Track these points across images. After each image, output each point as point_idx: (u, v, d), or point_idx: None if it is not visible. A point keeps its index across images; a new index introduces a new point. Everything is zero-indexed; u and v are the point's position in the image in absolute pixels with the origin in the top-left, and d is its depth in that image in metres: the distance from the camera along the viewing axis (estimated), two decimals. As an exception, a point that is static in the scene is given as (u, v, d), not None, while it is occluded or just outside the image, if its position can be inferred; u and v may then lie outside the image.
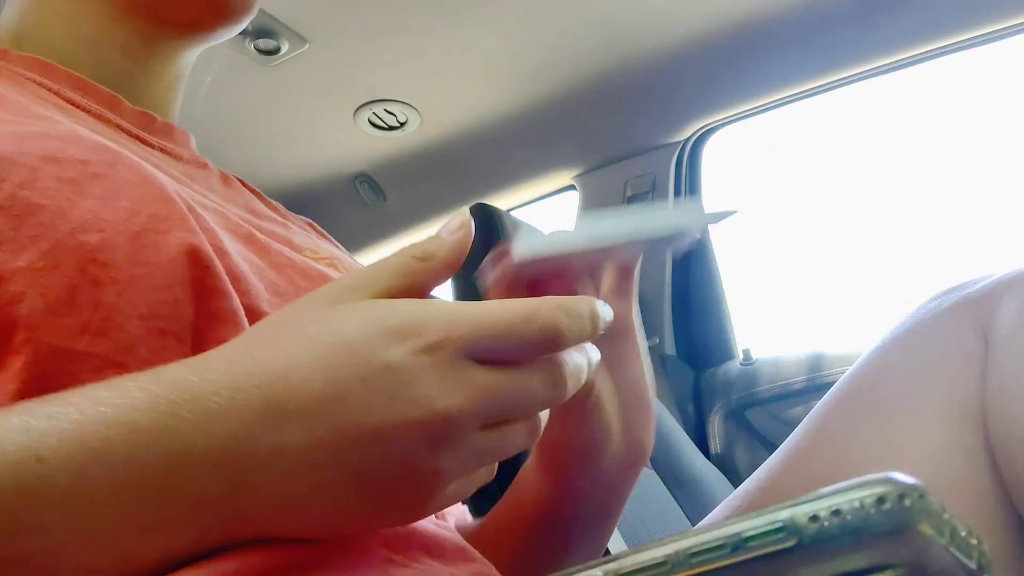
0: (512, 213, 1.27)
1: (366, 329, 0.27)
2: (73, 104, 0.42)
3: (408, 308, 0.27)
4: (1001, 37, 1.25)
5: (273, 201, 0.54)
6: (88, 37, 0.46)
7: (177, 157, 0.46)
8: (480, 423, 0.27)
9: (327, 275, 0.42)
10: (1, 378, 0.29)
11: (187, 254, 0.34)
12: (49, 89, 0.42)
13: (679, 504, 1.08)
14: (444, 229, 0.31)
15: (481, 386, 0.26)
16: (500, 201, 1.74)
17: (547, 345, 0.27)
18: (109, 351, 0.30)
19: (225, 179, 0.50)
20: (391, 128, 1.56)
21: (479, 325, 0.27)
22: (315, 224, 0.57)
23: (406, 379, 0.25)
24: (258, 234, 0.41)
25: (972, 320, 0.52)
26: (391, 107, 1.49)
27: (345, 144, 1.62)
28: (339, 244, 0.57)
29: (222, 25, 0.48)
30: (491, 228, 1.17)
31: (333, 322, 0.27)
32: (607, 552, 0.87)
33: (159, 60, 0.49)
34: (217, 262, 0.35)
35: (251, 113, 1.48)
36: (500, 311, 0.27)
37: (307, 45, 1.29)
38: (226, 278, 0.34)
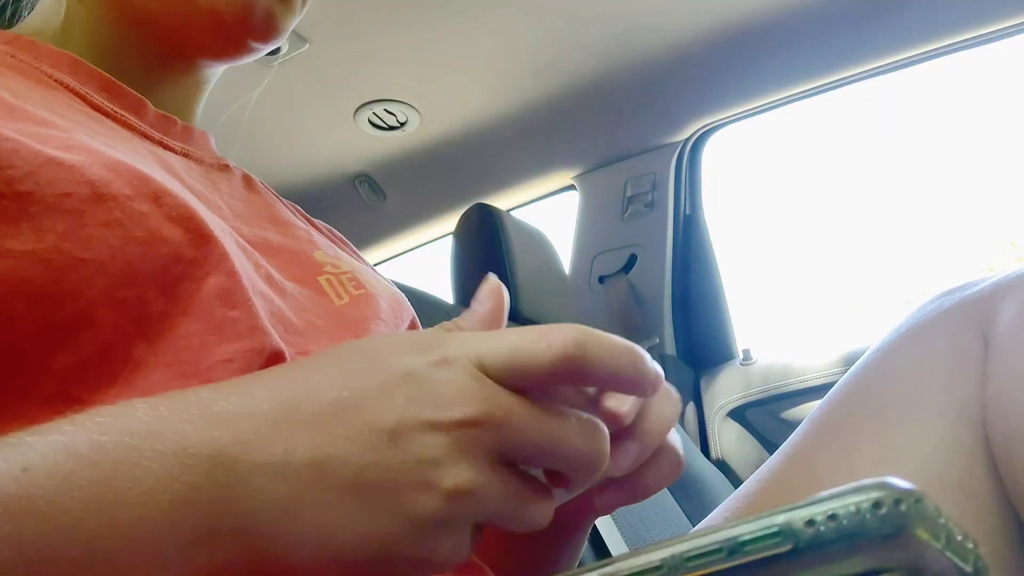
0: (512, 213, 1.27)
1: (389, 342, 0.27)
2: (98, 110, 0.42)
3: (430, 332, 0.28)
4: (1001, 37, 1.25)
5: (294, 204, 0.55)
6: (108, 46, 0.46)
7: (199, 161, 0.46)
8: (499, 444, 0.25)
9: (343, 313, 0.43)
10: None
11: (220, 298, 0.35)
12: (76, 93, 0.42)
13: (679, 504, 1.08)
14: (475, 301, 0.30)
15: (502, 404, 0.25)
16: (500, 201, 1.73)
17: (565, 364, 0.26)
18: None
19: (248, 182, 0.50)
20: (391, 128, 1.56)
21: (494, 341, 0.26)
22: (334, 230, 0.57)
23: (425, 385, 0.25)
24: (276, 275, 0.41)
25: (972, 321, 0.52)
26: (391, 107, 1.49)
27: (345, 144, 1.62)
28: (356, 250, 0.57)
29: (243, 55, 0.47)
30: (491, 228, 1.17)
31: (358, 343, 0.28)
32: (607, 554, 0.87)
33: (178, 72, 0.49)
34: (254, 302, 0.36)
35: (251, 113, 1.48)
36: (516, 332, 0.27)
37: (307, 45, 1.29)
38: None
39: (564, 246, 1.68)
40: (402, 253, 2.00)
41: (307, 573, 0.24)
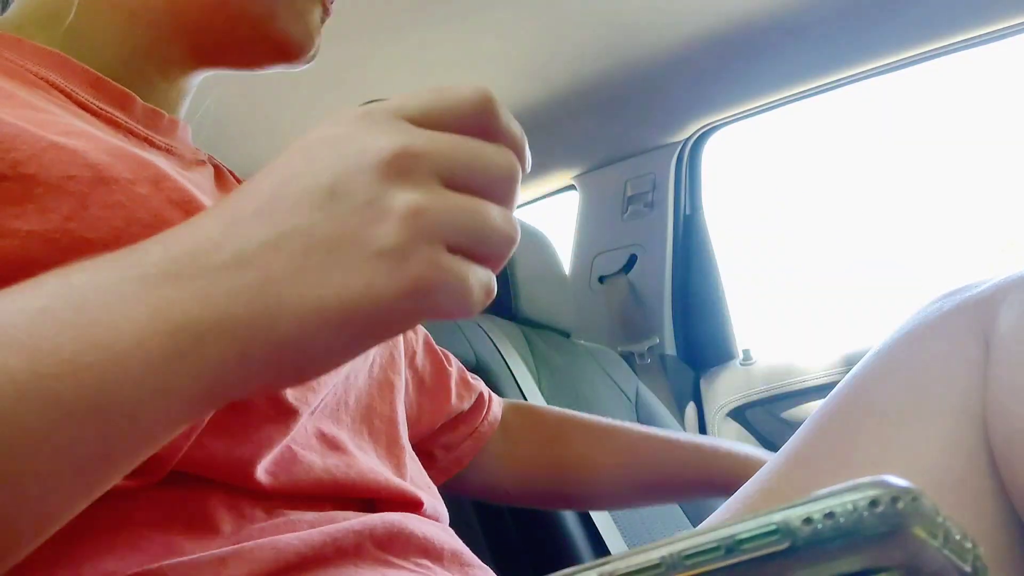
0: (512, 213, 1.27)
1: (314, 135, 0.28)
2: (85, 108, 0.42)
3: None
4: (1001, 37, 1.25)
5: None
6: (111, 43, 0.45)
7: (180, 157, 0.46)
8: (433, 168, 0.26)
9: None
10: None
11: None
12: (61, 91, 0.41)
13: (680, 505, 1.08)
14: None
15: (427, 134, 0.27)
16: (500, 201, 1.73)
17: (486, 105, 0.28)
18: None
19: (219, 176, 0.51)
20: (391, 128, 1.56)
21: (414, 93, 0.28)
22: None
23: (348, 141, 0.26)
24: None
25: (973, 323, 0.52)
26: (391, 107, 1.49)
27: (345, 144, 1.62)
28: None
29: (285, 64, 0.50)
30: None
31: None
32: (607, 553, 0.87)
33: (179, 73, 0.49)
34: None
35: (251, 113, 1.48)
36: (431, 88, 0.29)
37: (307, 45, 1.29)
38: None
39: (564, 246, 1.68)
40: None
41: (302, 348, 0.25)
